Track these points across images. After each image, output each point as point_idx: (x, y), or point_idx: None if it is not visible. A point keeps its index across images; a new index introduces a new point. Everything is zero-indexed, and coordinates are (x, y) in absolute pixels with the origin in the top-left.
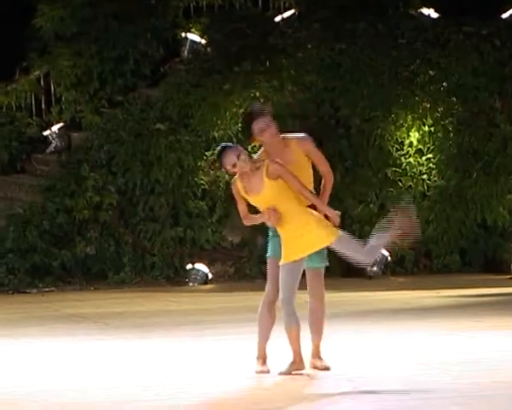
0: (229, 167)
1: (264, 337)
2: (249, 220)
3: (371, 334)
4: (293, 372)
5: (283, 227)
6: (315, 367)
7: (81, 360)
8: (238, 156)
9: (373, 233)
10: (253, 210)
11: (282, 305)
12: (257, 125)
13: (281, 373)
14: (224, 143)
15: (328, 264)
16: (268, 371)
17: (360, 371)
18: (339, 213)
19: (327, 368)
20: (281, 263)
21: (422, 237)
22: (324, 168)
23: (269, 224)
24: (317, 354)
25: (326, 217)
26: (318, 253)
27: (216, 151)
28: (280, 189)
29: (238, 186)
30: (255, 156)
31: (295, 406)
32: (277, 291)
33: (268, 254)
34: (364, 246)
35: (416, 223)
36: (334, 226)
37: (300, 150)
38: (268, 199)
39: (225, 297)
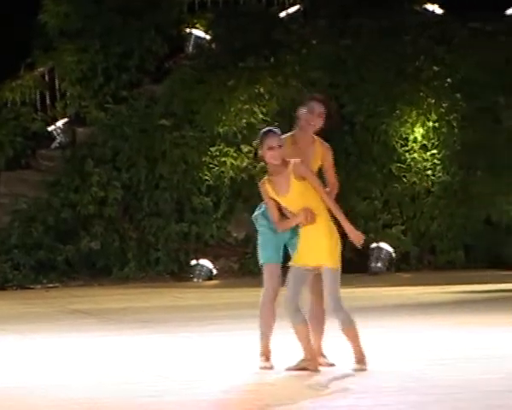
0: (266, 148)
1: (266, 334)
2: (283, 225)
3: (375, 330)
4: (300, 369)
5: (305, 228)
6: (319, 364)
7: (86, 355)
8: (279, 144)
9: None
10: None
11: (285, 304)
12: (317, 109)
13: (288, 369)
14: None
15: None
16: (271, 368)
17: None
18: (363, 236)
19: (331, 365)
20: (290, 263)
21: (427, 233)
22: (333, 179)
23: (303, 224)
24: (319, 352)
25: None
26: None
27: (263, 130)
28: (305, 190)
29: (267, 188)
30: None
31: (298, 402)
32: (276, 290)
33: (262, 261)
34: (338, 303)
35: None
36: (357, 244)
37: (320, 152)
38: (296, 199)
39: (229, 293)
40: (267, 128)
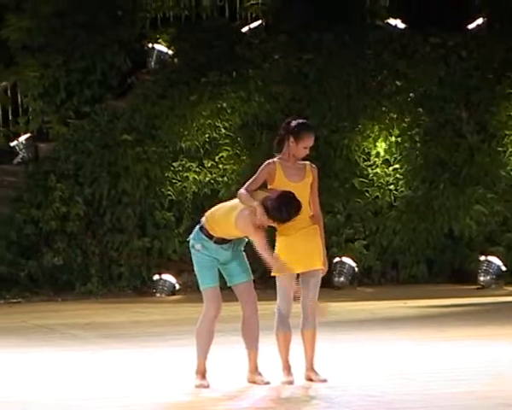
0: (303, 145)
1: (203, 353)
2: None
3: (338, 345)
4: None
5: (289, 233)
6: (253, 382)
7: (47, 371)
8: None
9: None
10: None
11: (281, 313)
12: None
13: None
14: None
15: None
16: (208, 386)
17: (327, 382)
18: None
19: (267, 383)
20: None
21: (389, 248)
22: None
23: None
24: (255, 369)
25: None
26: (244, 266)
27: (299, 121)
28: (308, 192)
29: (276, 168)
30: None
31: None
32: (218, 311)
33: (203, 287)
34: None
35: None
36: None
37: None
38: (304, 190)
39: (192, 308)
40: (303, 121)
